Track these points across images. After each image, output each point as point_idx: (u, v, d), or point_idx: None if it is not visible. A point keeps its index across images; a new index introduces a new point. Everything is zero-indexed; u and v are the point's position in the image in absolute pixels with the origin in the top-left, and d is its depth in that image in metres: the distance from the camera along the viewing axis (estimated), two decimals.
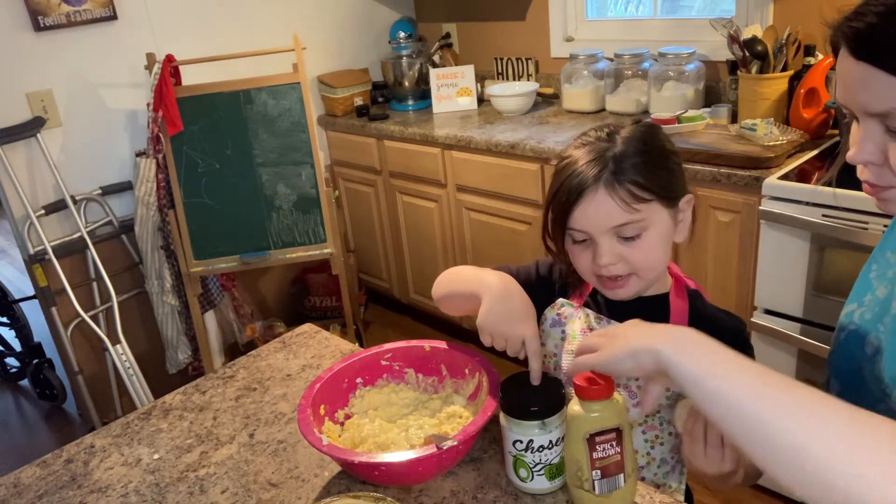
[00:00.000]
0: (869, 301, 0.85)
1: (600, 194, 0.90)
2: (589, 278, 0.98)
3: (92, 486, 1.02)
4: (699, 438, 0.81)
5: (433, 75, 2.95)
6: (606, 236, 0.92)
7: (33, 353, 3.03)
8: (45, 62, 2.41)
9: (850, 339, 0.85)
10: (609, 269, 0.92)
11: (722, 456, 0.80)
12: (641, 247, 0.92)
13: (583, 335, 1.01)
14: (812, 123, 1.99)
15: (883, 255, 0.87)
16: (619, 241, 0.92)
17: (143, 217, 2.51)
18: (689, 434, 0.83)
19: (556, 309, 1.05)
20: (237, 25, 2.85)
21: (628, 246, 0.92)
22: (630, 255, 0.92)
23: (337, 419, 1.03)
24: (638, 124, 0.97)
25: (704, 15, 2.47)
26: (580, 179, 0.91)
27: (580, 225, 0.92)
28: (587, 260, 0.95)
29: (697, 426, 0.81)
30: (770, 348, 1.86)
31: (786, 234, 1.75)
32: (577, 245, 0.95)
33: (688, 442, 0.83)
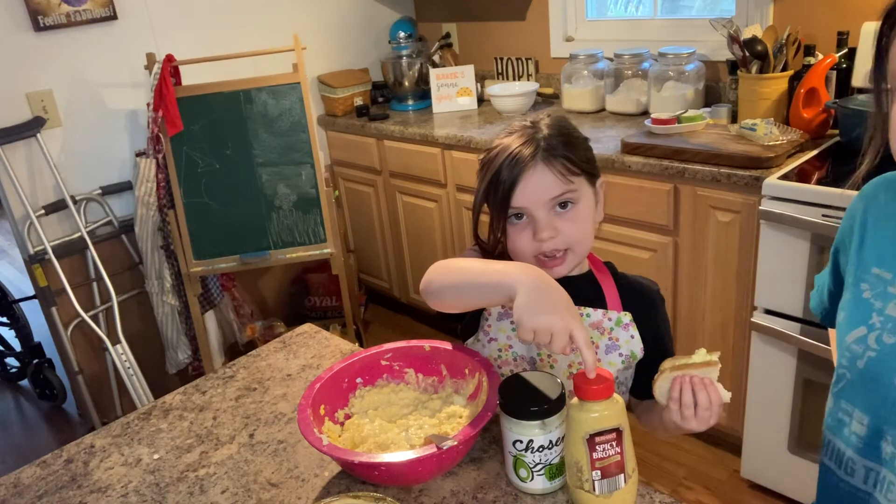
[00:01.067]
0: (881, 322, 0.82)
1: (539, 169, 0.99)
2: (527, 260, 1.01)
3: (92, 486, 1.02)
4: (689, 403, 0.88)
5: (433, 75, 2.95)
6: (544, 210, 0.99)
7: (33, 353, 3.03)
8: (45, 62, 2.41)
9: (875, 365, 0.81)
10: (549, 242, 0.99)
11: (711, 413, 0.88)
12: (575, 218, 1.01)
13: None
14: (812, 123, 1.99)
15: (868, 272, 0.85)
16: (556, 215, 1.00)
17: (143, 217, 2.51)
18: (676, 402, 0.89)
19: None
20: (237, 25, 2.85)
21: (564, 219, 1.00)
22: (565, 227, 1.00)
23: (337, 419, 1.03)
24: (552, 116, 1.06)
25: (704, 15, 2.47)
26: (517, 159, 1.00)
27: (521, 202, 0.99)
28: (527, 239, 1.01)
29: (686, 393, 0.88)
30: (770, 348, 1.86)
31: (786, 234, 1.75)
32: (516, 226, 1.02)
33: (676, 409, 0.89)
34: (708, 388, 0.88)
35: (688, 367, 0.87)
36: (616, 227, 2.17)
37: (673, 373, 0.88)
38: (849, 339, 0.87)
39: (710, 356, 0.87)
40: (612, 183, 2.12)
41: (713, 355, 0.88)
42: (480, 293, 0.93)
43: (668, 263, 2.09)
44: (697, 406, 0.88)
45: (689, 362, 0.88)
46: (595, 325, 1.03)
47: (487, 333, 1.08)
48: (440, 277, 0.98)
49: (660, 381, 0.89)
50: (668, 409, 0.90)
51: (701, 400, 0.87)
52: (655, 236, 2.09)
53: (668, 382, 0.89)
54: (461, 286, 0.95)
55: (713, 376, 0.88)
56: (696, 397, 0.87)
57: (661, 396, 0.90)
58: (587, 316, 1.03)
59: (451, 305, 0.99)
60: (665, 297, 2.18)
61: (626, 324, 1.03)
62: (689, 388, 0.88)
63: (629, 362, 1.05)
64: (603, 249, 2.19)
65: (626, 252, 2.17)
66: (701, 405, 0.87)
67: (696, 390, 0.87)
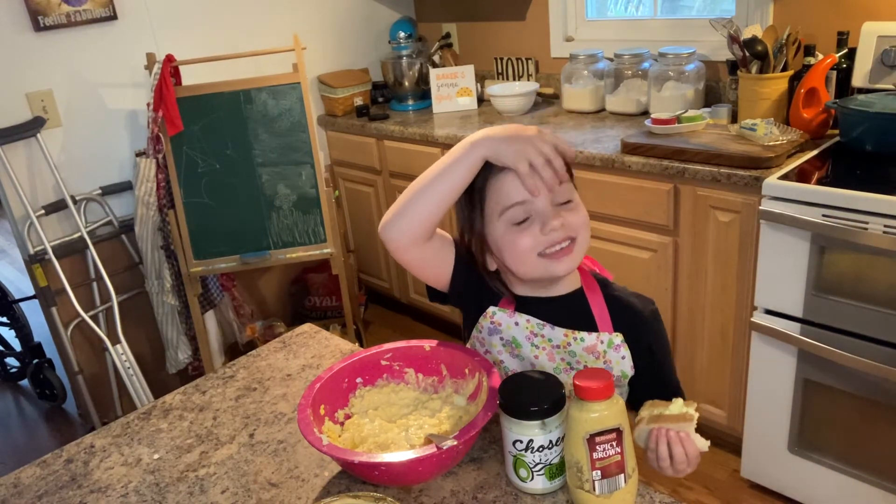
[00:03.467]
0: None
1: None
2: (532, 260, 0.98)
3: (92, 486, 1.02)
4: (665, 457, 0.89)
5: (433, 75, 2.95)
6: (545, 201, 0.96)
7: (33, 353, 3.03)
8: (45, 62, 2.41)
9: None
10: (558, 232, 0.96)
11: (687, 465, 0.89)
12: (575, 209, 0.99)
13: (528, 342, 1.03)
14: (812, 123, 1.99)
15: None
16: (558, 208, 0.97)
17: (143, 217, 2.51)
18: (653, 452, 0.90)
19: (490, 317, 1.05)
20: (237, 25, 2.85)
21: (566, 210, 0.98)
22: (569, 217, 0.97)
23: (337, 419, 1.03)
24: None
25: (704, 15, 2.47)
26: None
27: (522, 194, 0.95)
28: (532, 237, 0.97)
29: (661, 447, 0.89)
30: (770, 348, 1.86)
31: (786, 234, 1.75)
32: (518, 226, 0.97)
33: (653, 458, 0.90)
34: (684, 442, 0.88)
35: (664, 418, 0.88)
36: (616, 227, 2.17)
37: (650, 425, 0.89)
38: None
39: (687, 408, 0.88)
40: (612, 183, 2.12)
41: (689, 407, 0.88)
42: (450, 176, 0.94)
43: (668, 263, 2.09)
44: (673, 460, 0.89)
45: (665, 413, 0.88)
46: (589, 349, 1.01)
47: (483, 345, 1.08)
48: (398, 201, 0.97)
49: (637, 430, 0.91)
50: (646, 456, 0.92)
51: (676, 454, 0.88)
52: (655, 236, 2.09)
53: (646, 433, 0.91)
54: (426, 186, 0.95)
55: (689, 430, 0.88)
56: (672, 451, 0.88)
57: (640, 441, 0.91)
58: (581, 341, 1.00)
59: (424, 217, 0.96)
60: (665, 297, 2.19)
61: (617, 345, 1.01)
62: (664, 442, 0.89)
63: (621, 382, 1.03)
64: (603, 249, 2.19)
65: (626, 252, 2.17)
66: (676, 459, 0.88)
67: (671, 444, 0.88)
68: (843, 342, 1.70)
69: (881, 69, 1.95)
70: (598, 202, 2.17)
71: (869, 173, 1.77)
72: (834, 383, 1.78)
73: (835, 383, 1.77)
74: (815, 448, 1.87)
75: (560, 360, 1.03)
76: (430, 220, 0.97)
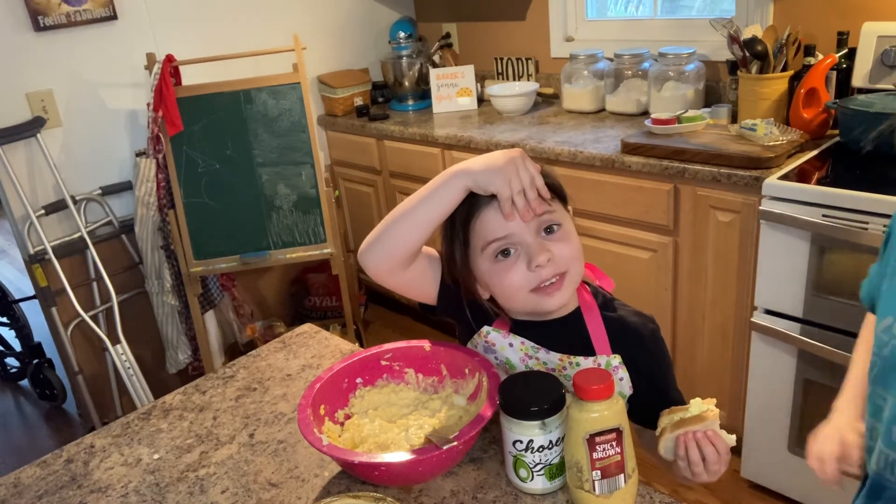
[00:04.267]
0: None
1: None
2: (522, 297, 0.96)
3: (92, 486, 1.02)
4: (698, 461, 0.86)
5: (433, 75, 2.95)
6: (530, 234, 0.93)
7: (33, 353, 3.03)
8: (45, 62, 2.41)
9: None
10: (547, 268, 0.93)
11: (720, 464, 0.87)
12: (564, 238, 0.95)
13: (523, 364, 1.02)
14: (812, 123, 1.99)
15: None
16: (544, 239, 0.94)
17: (143, 217, 2.51)
18: (684, 459, 0.87)
19: (484, 336, 1.04)
20: (237, 25, 2.85)
21: (554, 240, 0.94)
22: (557, 248, 0.94)
23: (337, 419, 1.03)
24: None
25: (704, 15, 2.47)
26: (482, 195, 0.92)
27: (503, 230, 0.92)
28: (520, 272, 0.94)
29: (692, 451, 0.86)
30: (770, 348, 1.86)
31: (786, 234, 1.75)
32: (504, 263, 0.94)
33: (685, 466, 0.88)
34: (713, 440, 0.86)
35: (687, 422, 0.86)
36: (616, 227, 2.17)
37: (675, 431, 0.87)
38: (878, 329, 0.87)
39: (707, 405, 0.87)
40: (612, 183, 2.12)
41: (709, 404, 0.87)
42: (430, 204, 0.92)
43: (668, 263, 2.09)
44: (706, 461, 0.86)
45: (686, 416, 0.87)
46: None
47: None
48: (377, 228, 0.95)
49: (663, 441, 0.88)
50: (677, 466, 0.89)
51: (709, 455, 0.86)
52: (655, 236, 2.09)
53: (672, 441, 0.88)
54: (405, 214, 0.93)
55: (715, 427, 0.87)
56: (704, 452, 0.86)
57: (668, 453, 0.89)
58: (577, 365, 0.98)
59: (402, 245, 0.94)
60: (665, 297, 2.19)
61: (615, 367, 0.98)
62: (694, 447, 0.86)
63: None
64: (603, 249, 2.19)
65: (626, 252, 2.17)
66: (710, 460, 0.86)
67: (701, 446, 0.86)
68: (843, 342, 1.69)
69: (881, 69, 1.95)
70: (598, 202, 2.17)
71: (869, 173, 1.77)
72: (834, 383, 1.77)
73: (835, 383, 1.76)
74: None
75: None
76: (409, 248, 0.95)
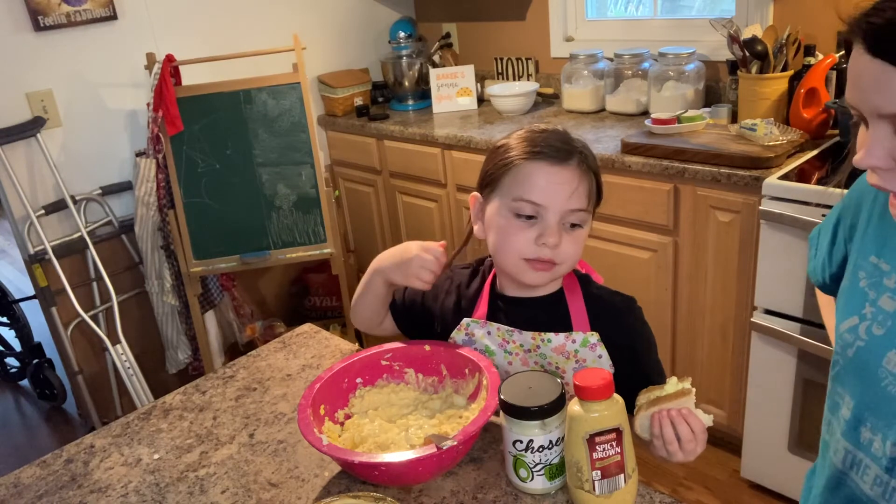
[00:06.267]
0: (872, 313, 0.82)
1: (570, 172, 0.95)
2: (513, 259, 0.98)
3: (92, 486, 1.02)
4: (672, 438, 0.86)
5: (433, 75, 2.95)
6: (557, 216, 0.95)
7: (33, 353, 3.03)
8: (45, 62, 2.41)
9: (863, 354, 0.83)
10: (547, 251, 0.95)
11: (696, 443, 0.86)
12: (577, 241, 0.98)
13: (501, 349, 1.03)
14: (812, 123, 1.99)
15: (866, 260, 0.85)
16: (564, 229, 0.96)
17: (143, 217, 2.51)
18: (659, 438, 0.87)
19: (464, 329, 1.05)
20: (237, 25, 2.85)
21: (569, 236, 0.96)
22: (567, 244, 0.96)
23: (337, 419, 1.03)
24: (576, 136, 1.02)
25: (704, 15, 2.47)
26: (550, 151, 0.95)
27: (540, 198, 0.94)
28: (527, 237, 0.95)
29: (666, 429, 0.86)
30: (770, 348, 1.86)
31: (786, 234, 1.75)
32: (519, 221, 0.96)
33: (660, 445, 0.87)
34: (688, 418, 0.86)
35: (662, 399, 0.86)
36: (616, 227, 2.17)
37: (650, 409, 0.87)
38: (842, 328, 0.87)
39: (683, 384, 0.86)
40: (612, 183, 2.12)
41: (685, 382, 0.86)
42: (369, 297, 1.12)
43: (668, 263, 2.09)
44: (681, 440, 0.86)
45: (662, 394, 0.86)
46: (558, 349, 0.99)
47: None
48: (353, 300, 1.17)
49: (639, 419, 0.88)
50: (653, 446, 0.89)
51: (683, 433, 0.86)
52: (655, 236, 2.09)
53: (647, 419, 0.88)
54: (357, 301, 1.15)
55: (689, 405, 0.86)
56: (678, 430, 0.86)
57: (644, 432, 0.89)
58: (548, 342, 0.99)
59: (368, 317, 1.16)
60: (665, 297, 2.19)
61: (592, 344, 0.99)
62: (668, 424, 0.86)
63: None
64: (603, 249, 2.19)
65: (625, 252, 2.17)
66: (684, 438, 0.86)
67: (675, 424, 0.86)
68: None
69: None
70: None
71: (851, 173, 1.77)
72: None
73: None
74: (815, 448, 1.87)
75: (533, 364, 1.02)
76: (373, 319, 1.16)
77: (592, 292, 1.05)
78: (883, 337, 0.80)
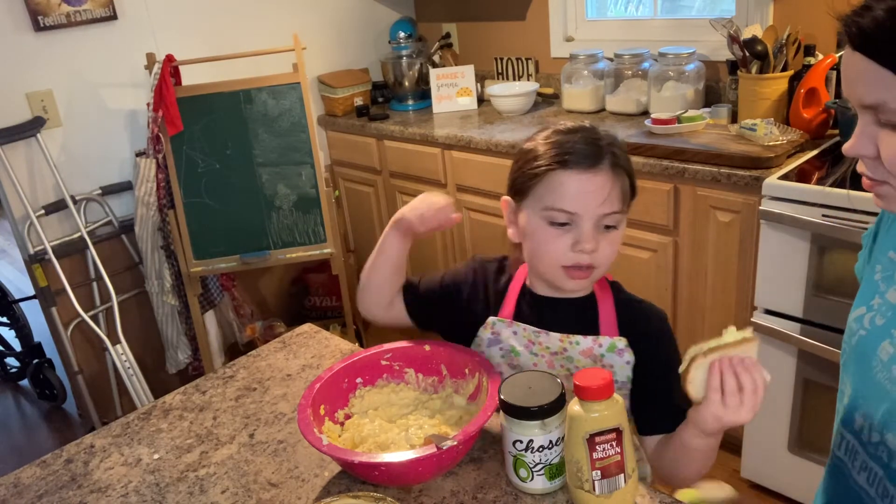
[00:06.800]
0: (879, 305, 0.83)
1: (603, 175, 0.94)
2: (551, 266, 0.97)
3: (92, 486, 1.02)
4: (734, 390, 0.77)
5: (433, 75, 2.95)
6: (592, 221, 0.94)
7: (33, 353, 3.03)
8: (45, 62, 2.41)
9: (863, 343, 0.84)
10: (585, 256, 0.94)
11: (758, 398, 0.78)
12: (611, 241, 0.97)
13: (527, 350, 1.03)
14: (812, 123, 1.99)
15: (884, 255, 0.86)
16: (599, 232, 0.95)
17: (143, 217, 2.51)
18: (718, 391, 0.78)
19: (490, 328, 1.05)
20: (237, 25, 2.85)
21: (604, 237, 0.95)
22: (603, 246, 0.95)
23: (337, 419, 1.03)
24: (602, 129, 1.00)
25: (704, 15, 2.47)
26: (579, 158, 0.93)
27: (573, 206, 0.93)
28: (563, 245, 0.95)
29: (729, 379, 0.77)
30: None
31: (786, 234, 1.75)
32: (554, 229, 0.95)
33: (718, 400, 0.78)
34: (751, 369, 0.76)
35: (721, 349, 0.75)
36: None
37: (708, 357, 0.75)
38: (851, 317, 0.88)
39: (744, 333, 0.76)
40: None
41: (746, 331, 0.76)
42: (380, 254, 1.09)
43: (668, 263, 2.08)
44: (743, 392, 0.76)
45: (720, 344, 0.75)
46: (585, 352, 0.99)
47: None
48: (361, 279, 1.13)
49: (693, 372, 0.77)
50: (707, 403, 0.79)
51: (746, 384, 0.76)
52: (655, 236, 2.09)
53: (704, 371, 0.76)
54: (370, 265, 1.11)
55: (752, 354, 0.76)
56: (741, 380, 0.76)
57: (698, 390, 0.77)
58: (576, 344, 0.98)
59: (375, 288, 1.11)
60: (665, 297, 2.19)
61: (620, 349, 0.98)
62: (731, 373, 0.76)
63: (626, 387, 1.00)
64: None
65: (626, 252, 2.16)
66: (747, 389, 0.76)
67: (739, 374, 0.76)
68: None
69: None
70: None
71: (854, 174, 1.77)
72: (834, 383, 1.77)
73: (835, 383, 1.77)
74: (815, 448, 1.87)
75: (560, 367, 1.02)
76: (385, 291, 1.11)
77: (623, 298, 1.04)
78: (881, 327, 0.82)
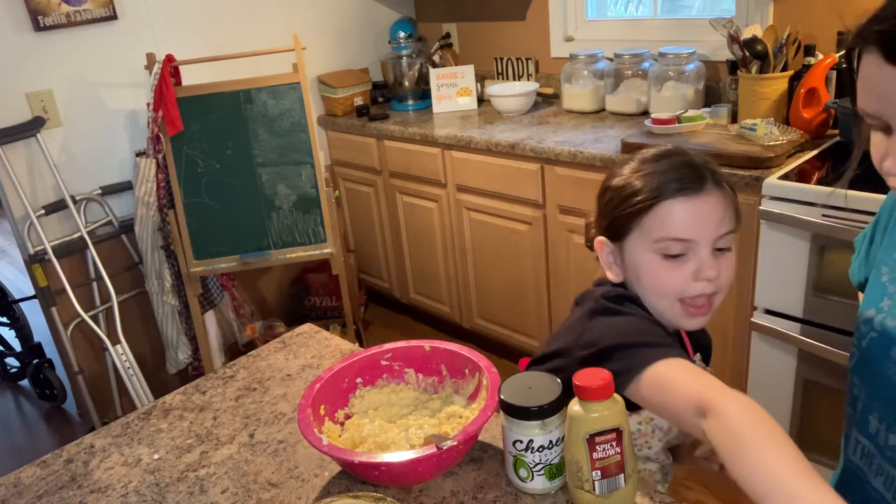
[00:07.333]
0: (889, 306, 0.83)
1: (713, 198, 0.89)
2: (668, 301, 0.91)
3: (92, 486, 1.02)
4: None
5: (433, 75, 2.95)
6: (708, 247, 0.89)
7: (33, 353, 3.03)
8: (45, 62, 2.41)
9: (874, 345, 0.83)
10: (709, 284, 0.89)
11: None
12: (729, 263, 0.91)
13: None
14: (812, 123, 1.99)
15: (890, 256, 0.86)
16: (715, 257, 0.89)
17: (143, 217, 2.51)
18: None
19: None
20: (237, 25, 2.85)
21: (721, 261, 0.90)
22: (723, 268, 0.90)
23: (337, 419, 1.03)
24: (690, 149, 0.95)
25: (704, 15, 2.47)
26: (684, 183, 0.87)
27: (689, 234, 0.88)
28: (680, 278, 0.89)
29: None
30: (770, 348, 1.86)
31: (786, 234, 1.75)
32: (669, 262, 0.89)
33: None
34: None
35: None
36: None
37: None
38: (860, 319, 0.87)
39: None
40: None
41: None
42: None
43: None
44: None
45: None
46: None
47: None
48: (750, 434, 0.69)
49: None
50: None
51: None
52: None
53: None
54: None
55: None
56: None
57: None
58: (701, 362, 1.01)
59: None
60: None
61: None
62: None
63: None
64: None
65: None
66: None
67: None
68: (843, 342, 1.69)
69: None
70: None
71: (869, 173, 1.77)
72: (834, 383, 1.78)
73: (835, 383, 1.77)
74: (815, 448, 1.87)
75: None
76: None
77: None
78: (893, 329, 0.81)
